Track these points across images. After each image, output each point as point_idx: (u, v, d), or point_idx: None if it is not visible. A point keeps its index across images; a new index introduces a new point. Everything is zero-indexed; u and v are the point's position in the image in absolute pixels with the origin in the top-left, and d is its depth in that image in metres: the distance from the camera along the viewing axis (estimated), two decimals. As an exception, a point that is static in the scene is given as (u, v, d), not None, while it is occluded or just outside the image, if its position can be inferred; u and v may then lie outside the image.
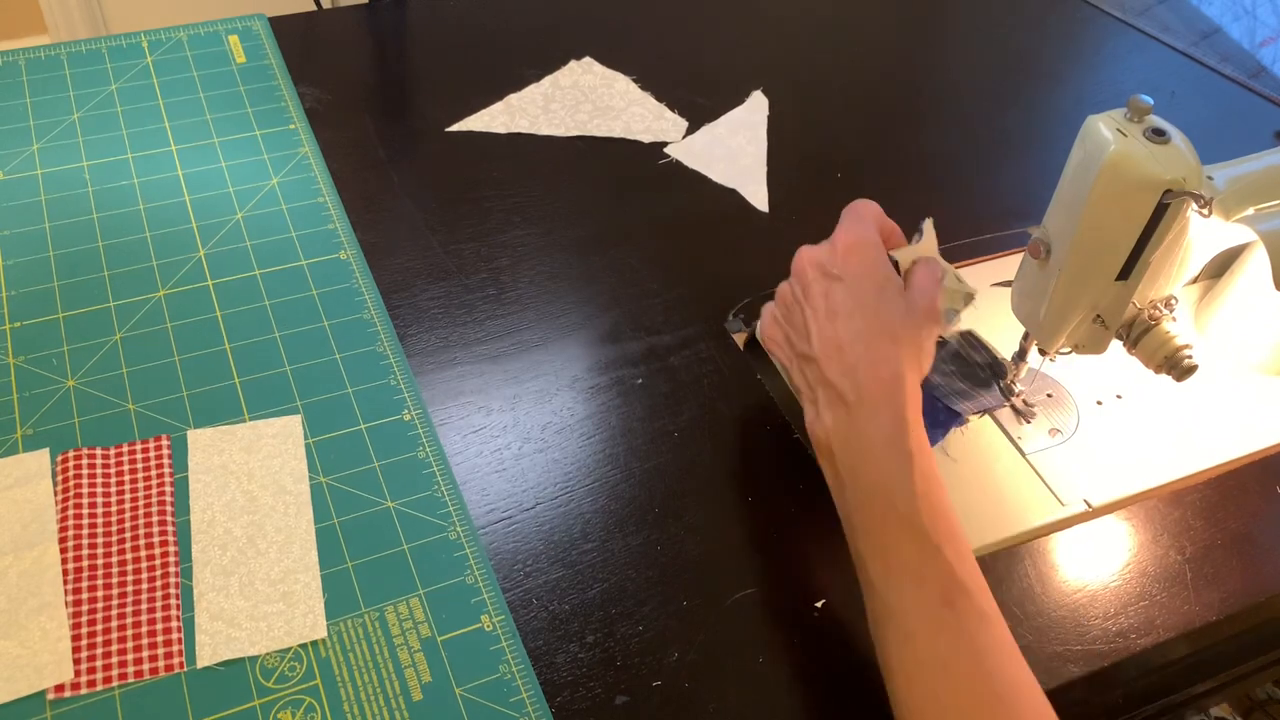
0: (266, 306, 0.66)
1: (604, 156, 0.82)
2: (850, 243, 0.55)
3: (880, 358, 0.51)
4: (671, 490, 0.59)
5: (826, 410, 0.53)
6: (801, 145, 0.85)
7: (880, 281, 0.54)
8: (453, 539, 0.55)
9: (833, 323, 0.54)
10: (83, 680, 0.48)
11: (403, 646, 0.50)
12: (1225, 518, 0.61)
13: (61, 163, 0.74)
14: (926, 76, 0.97)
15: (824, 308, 0.54)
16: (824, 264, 0.55)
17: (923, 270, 0.55)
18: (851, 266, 0.54)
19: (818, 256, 0.56)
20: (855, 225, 0.56)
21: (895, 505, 0.48)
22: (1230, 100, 0.97)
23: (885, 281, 0.54)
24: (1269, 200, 0.55)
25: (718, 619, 0.53)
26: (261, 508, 0.55)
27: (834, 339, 0.53)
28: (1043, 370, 0.65)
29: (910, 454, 0.49)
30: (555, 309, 0.69)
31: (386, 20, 0.94)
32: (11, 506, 0.54)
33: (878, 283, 0.54)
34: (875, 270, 0.54)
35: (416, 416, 0.61)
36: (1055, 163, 0.54)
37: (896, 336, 0.52)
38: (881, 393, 0.51)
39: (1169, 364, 0.56)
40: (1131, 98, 0.50)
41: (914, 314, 0.53)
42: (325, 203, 0.73)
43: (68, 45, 0.84)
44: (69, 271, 0.66)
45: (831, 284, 0.55)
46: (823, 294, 0.55)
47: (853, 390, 0.51)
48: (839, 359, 0.53)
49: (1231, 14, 1.48)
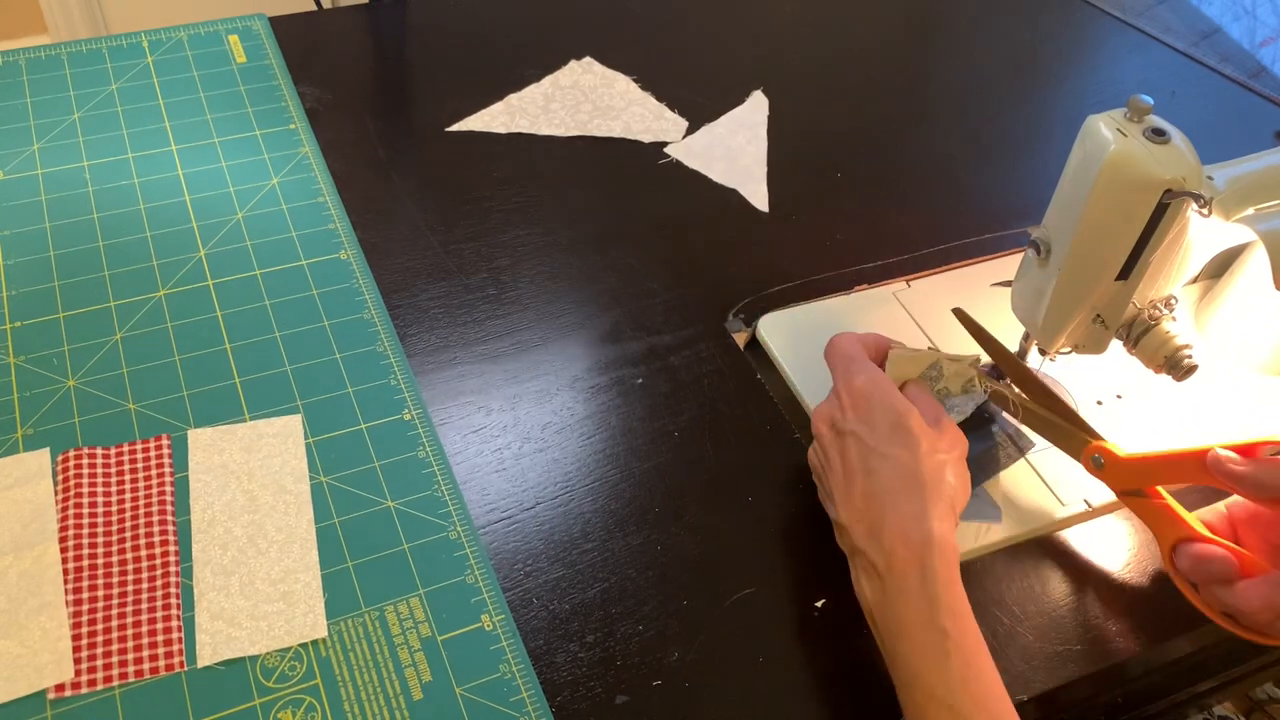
0: (267, 306, 0.66)
1: (604, 156, 0.82)
2: (852, 390, 0.53)
3: (906, 515, 0.49)
4: (671, 490, 0.59)
5: (864, 579, 0.50)
6: (801, 145, 0.85)
7: (892, 422, 0.51)
8: (453, 539, 0.55)
9: (851, 484, 0.51)
10: (83, 680, 0.48)
11: (403, 646, 0.50)
12: (1225, 517, 0.61)
13: (61, 163, 0.74)
14: (927, 76, 0.97)
15: (841, 469, 0.52)
16: (835, 421, 0.54)
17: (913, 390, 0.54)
18: (859, 415, 0.52)
19: (828, 414, 0.54)
20: (848, 368, 0.55)
21: (935, 693, 0.45)
22: (1230, 100, 0.97)
23: (897, 420, 0.51)
24: (1269, 200, 0.55)
25: (718, 619, 0.53)
26: (262, 507, 0.55)
27: (856, 502, 0.51)
28: (1043, 370, 0.65)
29: (946, 633, 0.46)
30: (555, 309, 0.69)
31: (386, 20, 0.94)
32: (12, 506, 0.54)
33: (890, 424, 0.51)
34: (883, 413, 0.52)
35: (416, 416, 0.61)
36: (1055, 163, 0.54)
37: (919, 479, 0.49)
38: (911, 560, 0.48)
39: (1169, 364, 0.56)
40: (1131, 97, 0.50)
41: (929, 436, 0.51)
42: (325, 203, 0.73)
43: (68, 45, 0.84)
44: (69, 271, 0.66)
45: (845, 441, 0.52)
46: (839, 454, 0.53)
47: (882, 559, 0.49)
48: (864, 523, 0.50)
49: (1231, 14, 1.48)
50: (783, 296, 0.71)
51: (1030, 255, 0.57)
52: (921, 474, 0.50)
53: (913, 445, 0.50)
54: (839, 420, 0.53)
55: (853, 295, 0.71)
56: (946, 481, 0.50)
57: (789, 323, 0.69)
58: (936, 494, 0.49)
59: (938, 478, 0.50)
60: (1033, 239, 0.56)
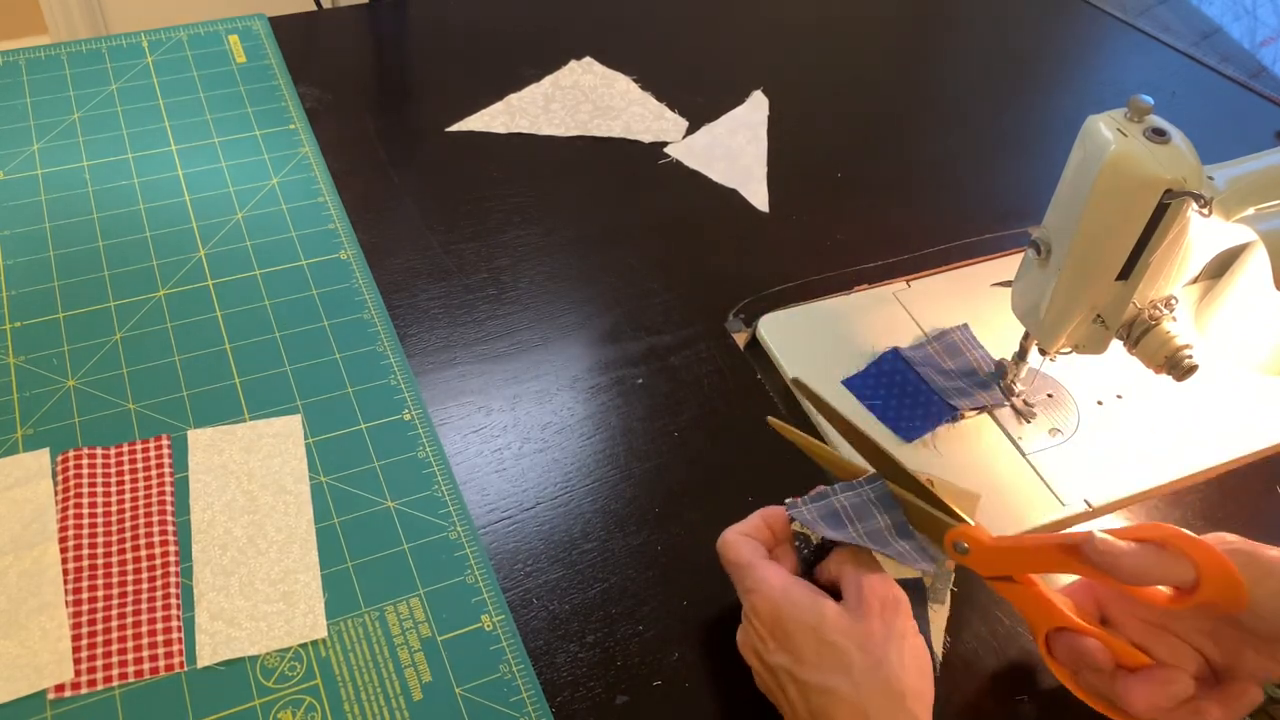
0: (267, 306, 0.66)
1: (604, 156, 0.82)
2: (758, 614, 0.47)
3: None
4: (672, 490, 0.59)
5: None
6: (801, 145, 0.85)
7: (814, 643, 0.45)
8: (453, 539, 0.55)
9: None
10: (83, 680, 0.48)
11: (403, 646, 0.50)
12: (1225, 518, 0.61)
13: (61, 163, 0.74)
14: (927, 76, 0.97)
15: (791, 712, 0.46)
16: (759, 651, 0.47)
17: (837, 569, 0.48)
18: (779, 643, 0.46)
19: (749, 643, 0.48)
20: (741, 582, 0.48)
21: None
22: (1230, 100, 0.97)
23: (817, 637, 0.45)
24: (1269, 200, 0.55)
25: (718, 619, 0.53)
26: (262, 508, 0.55)
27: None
28: (1043, 370, 0.65)
29: None
30: (555, 309, 0.69)
31: (386, 20, 0.94)
32: (11, 506, 0.54)
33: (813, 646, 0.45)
34: (800, 633, 0.45)
35: (416, 416, 0.61)
36: (1055, 163, 0.54)
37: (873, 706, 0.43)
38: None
39: (1170, 364, 0.56)
40: (1132, 98, 0.50)
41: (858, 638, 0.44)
42: (325, 203, 0.73)
43: (68, 45, 0.84)
44: (69, 271, 0.66)
45: (779, 677, 0.46)
46: (780, 690, 0.46)
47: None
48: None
49: (1232, 14, 1.48)
50: (783, 296, 0.71)
51: (1030, 255, 0.57)
52: (872, 701, 0.43)
53: (848, 665, 0.44)
54: (762, 650, 0.47)
55: (853, 295, 0.71)
56: (902, 684, 0.43)
57: (789, 323, 0.69)
58: (897, 709, 0.43)
59: (890, 691, 0.43)
60: (1033, 239, 0.56)
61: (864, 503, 0.50)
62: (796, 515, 0.49)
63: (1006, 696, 0.52)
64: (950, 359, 0.67)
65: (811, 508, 0.50)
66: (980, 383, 0.65)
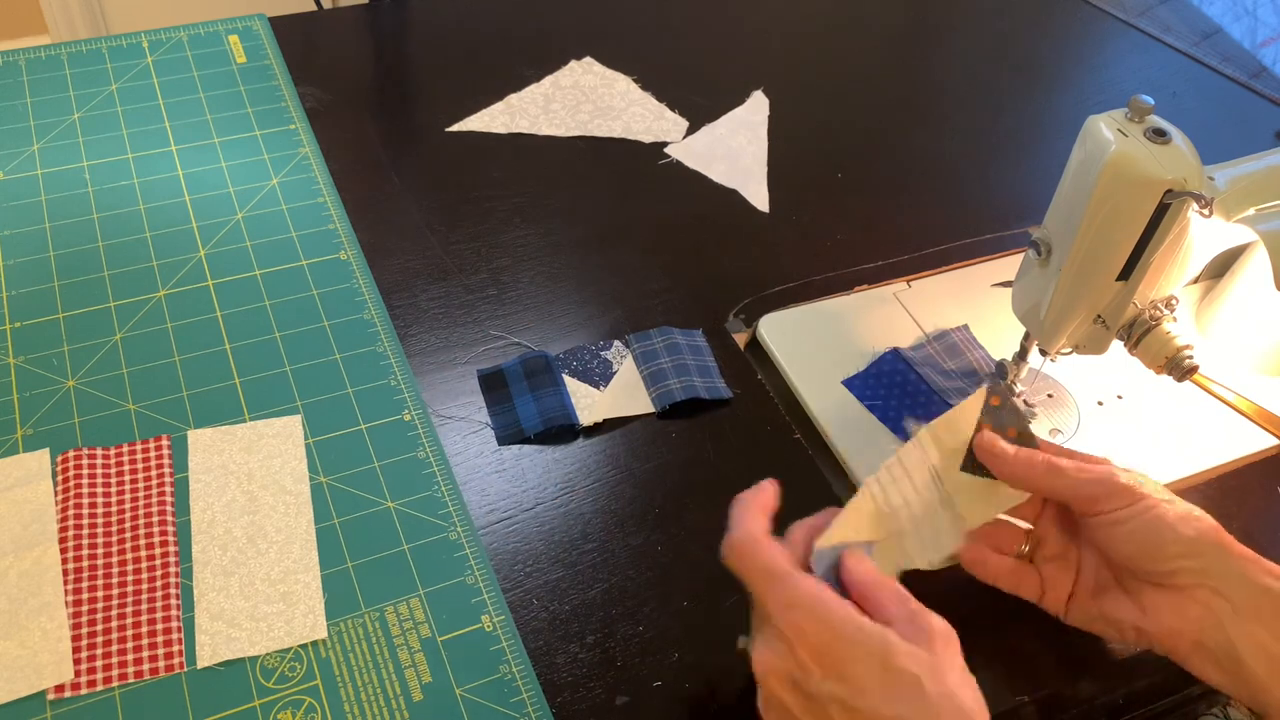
0: (267, 306, 0.66)
1: (604, 156, 0.82)
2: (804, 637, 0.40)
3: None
4: (672, 490, 0.59)
5: None
6: (801, 145, 0.85)
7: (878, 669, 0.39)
8: (453, 539, 0.55)
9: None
10: (83, 680, 0.48)
11: (403, 647, 0.50)
12: (1225, 518, 0.61)
13: (61, 163, 0.74)
14: (927, 76, 0.97)
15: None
16: (797, 680, 0.41)
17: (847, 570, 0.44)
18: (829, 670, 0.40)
19: (782, 670, 0.41)
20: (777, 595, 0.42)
21: None
22: (1231, 100, 0.96)
23: (883, 662, 0.39)
24: (1270, 200, 0.55)
25: (718, 620, 0.53)
26: (261, 508, 0.55)
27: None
28: (1043, 371, 0.65)
29: None
30: (555, 309, 0.69)
31: (386, 20, 0.94)
32: (11, 506, 0.54)
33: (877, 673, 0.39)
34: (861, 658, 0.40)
35: (416, 416, 0.60)
36: (1055, 163, 0.54)
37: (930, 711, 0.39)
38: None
39: (1170, 364, 0.56)
40: (1132, 98, 0.50)
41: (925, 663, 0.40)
42: (325, 203, 0.73)
43: (68, 45, 0.84)
44: (69, 271, 0.66)
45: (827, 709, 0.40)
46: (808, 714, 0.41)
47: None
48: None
49: (1232, 14, 1.48)
50: (783, 296, 0.71)
51: (1031, 256, 0.57)
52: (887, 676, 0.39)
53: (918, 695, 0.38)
54: (802, 679, 0.40)
55: (853, 295, 0.71)
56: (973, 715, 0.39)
57: (789, 323, 0.69)
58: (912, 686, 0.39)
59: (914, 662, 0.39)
60: (1033, 239, 0.56)
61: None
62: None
63: (1007, 696, 0.52)
64: (950, 359, 0.67)
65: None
66: (981, 383, 0.65)
